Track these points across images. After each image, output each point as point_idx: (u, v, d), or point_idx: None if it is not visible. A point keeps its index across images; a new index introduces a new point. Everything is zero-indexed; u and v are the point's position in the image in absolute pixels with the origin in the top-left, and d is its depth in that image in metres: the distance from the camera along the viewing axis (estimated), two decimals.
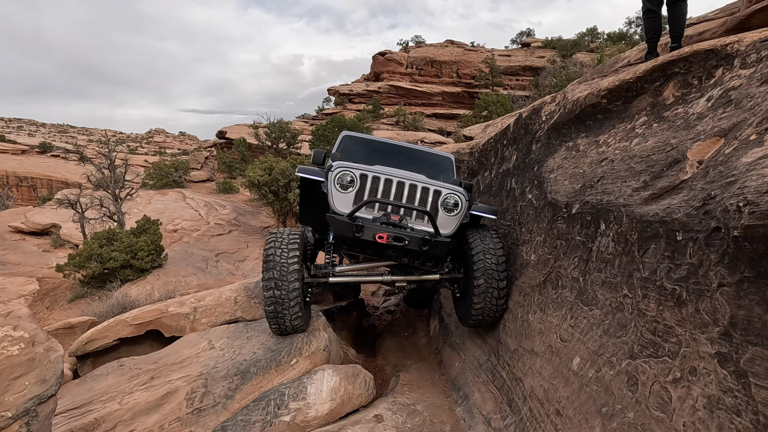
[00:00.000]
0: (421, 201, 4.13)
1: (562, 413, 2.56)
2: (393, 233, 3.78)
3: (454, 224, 4.21)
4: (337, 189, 4.07)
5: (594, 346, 2.53)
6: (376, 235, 3.76)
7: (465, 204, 4.24)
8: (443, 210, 4.19)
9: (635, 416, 1.98)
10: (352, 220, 3.80)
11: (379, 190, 4.09)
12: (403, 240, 3.79)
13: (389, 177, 4.11)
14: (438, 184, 4.24)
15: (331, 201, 4.10)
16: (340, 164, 4.15)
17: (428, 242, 3.85)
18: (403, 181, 4.13)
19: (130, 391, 4.03)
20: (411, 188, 4.13)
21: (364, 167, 4.17)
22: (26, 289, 15.88)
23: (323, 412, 3.38)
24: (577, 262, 3.09)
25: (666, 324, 1.98)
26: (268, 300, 4.02)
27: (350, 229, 3.78)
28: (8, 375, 2.23)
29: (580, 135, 4.22)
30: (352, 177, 4.07)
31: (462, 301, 4.57)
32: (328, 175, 4.15)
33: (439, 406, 3.86)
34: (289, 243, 4.16)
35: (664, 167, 2.54)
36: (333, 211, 4.09)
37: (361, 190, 4.09)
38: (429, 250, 3.90)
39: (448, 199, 4.19)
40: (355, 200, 4.05)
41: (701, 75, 3.17)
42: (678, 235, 2.01)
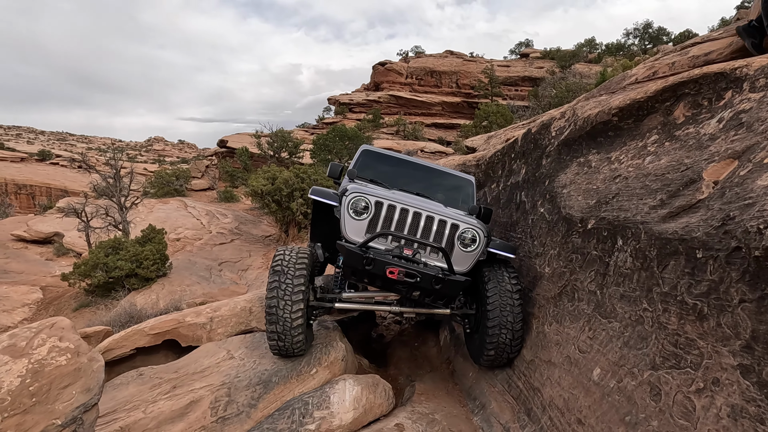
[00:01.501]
0: (437, 234, 3.98)
1: (584, 422, 2.67)
2: (405, 268, 3.63)
3: (470, 261, 4.04)
4: (350, 215, 3.94)
5: (614, 357, 2.64)
6: (387, 270, 3.62)
7: (483, 240, 4.06)
8: (460, 245, 4.02)
9: (659, 424, 2.10)
10: (363, 252, 3.66)
11: (394, 220, 3.94)
12: (415, 276, 3.64)
13: (405, 207, 3.96)
14: (457, 217, 4.08)
15: (343, 227, 3.98)
16: (355, 189, 4.03)
17: (441, 280, 3.69)
18: (419, 211, 3.97)
19: (154, 400, 4.12)
20: (428, 220, 3.97)
21: (380, 193, 4.05)
22: (30, 297, 15.95)
23: (347, 421, 3.48)
24: (593, 276, 3.21)
25: (688, 337, 2.10)
26: (270, 320, 3.89)
27: (361, 260, 3.63)
28: (57, 384, 2.33)
29: (591, 151, 4.35)
30: (366, 203, 3.94)
31: (473, 338, 4.43)
32: (342, 200, 4.02)
33: (456, 415, 3.96)
34: (297, 264, 4.00)
35: (680, 186, 2.67)
36: (344, 238, 3.98)
37: (375, 219, 3.95)
38: (441, 289, 3.74)
39: (466, 234, 4.03)
40: (368, 228, 3.94)
41: (711, 96, 3.31)
42: (698, 252, 2.14)
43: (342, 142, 30.85)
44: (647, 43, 54.25)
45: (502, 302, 3.93)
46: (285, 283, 3.85)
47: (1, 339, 2.43)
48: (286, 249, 4.17)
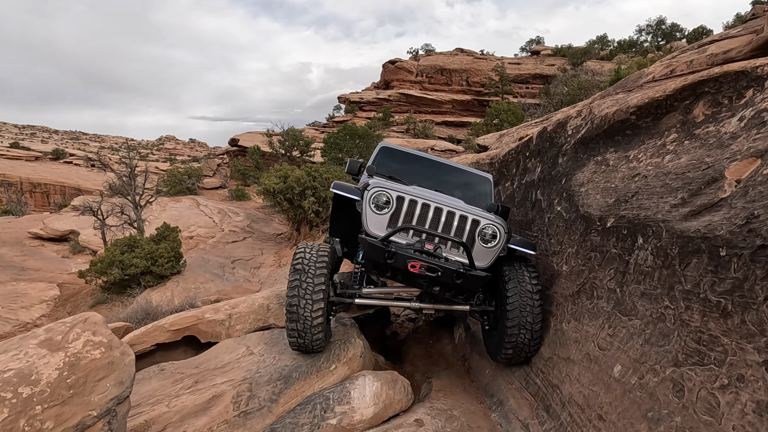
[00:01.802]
0: (457, 229, 3.98)
1: (605, 418, 2.70)
2: (426, 263, 3.64)
3: (491, 257, 4.04)
4: (372, 209, 3.96)
5: (635, 354, 2.66)
6: (409, 263, 3.63)
7: (504, 236, 4.06)
8: (480, 241, 4.01)
9: (682, 420, 2.12)
10: (384, 245, 3.67)
11: (415, 215, 3.96)
12: (436, 271, 3.64)
13: (426, 201, 3.98)
14: (477, 213, 4.09)
15: (364, 221, 4.00)
16: (377, 184, 4.07)
17: (462, 275, 3.70)
18: (441, 207, 3.98)
19: (177, 394, 4.20)
20: (449, 215, 3.98)
21: (401, 188, 4.07)
22: (47, 294, 16.20)
23: (368, 416, 3.54)
24: (613, 274, 3.23)
25: (711, 334, 2.12)
26: (291, 316, 3.89)
27: (382, 254, 3.66)
28: (93, 377, 2.41)
29: (609, 150, 4.36)
30: (388, 198, 3.96)
31: (491, 335, 4.43)
32: (364, 194, 4.05)
33: (474, 411, 4.00)
34: (318, 263, 4.01)
35: (701, 185, 2.68)
36: (366, 231, 3.99)
37: (396, 213, 3.97)
38: (462, 284, 3.74)
39: (486, 230, 4.02)
40: (389, 223, 3.96)
41: (731, 95, 3.31)
42: (721, 250, 2.16)
43: (352, 141, 30.91)
44: (660, 40, 53.67)
45: (522, 300, 3.91)
46: (306, 282, 3.85)
47: (38, 333, 2.51)
48: (307, 246, 4.17)
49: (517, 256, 4.29)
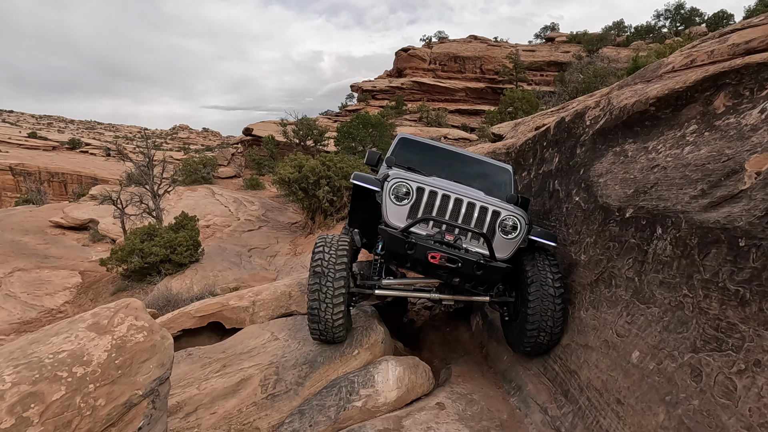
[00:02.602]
0: (478, 221, 3.98)
1: (623, 402, 2.80)
2: (446, 254, 3.65)
3: (511, 248, 4.04)
4: (392, 200, 3.98)
5: (654, 341, 2.75)
6: (429, 254, 3.65)
7: (524, 228, 4.07)
8: (501, 232, 4.02)
9: (700, 403, 2.22)
10: (405, 236, 3.69)
11: (435, 206, 3.97)
12: (457, 262, 3.65)
13: (447, 193, 3.99)
14: (498, 204, 4.10)
15: (384, 212, 4.01)
16: (397, 174, 4.08)
17: (482, 266, 3.70)
18: (461, 198, 3.99)
19: (206, 377, 4.38)
20: (469, 206, 3.99)
21: (422, 179, 4.09)
22: (70, 282, 16.62)
23: (391, 399, 3.68)
24: (631, 263, 3.30)
25: (729, 321, 2.21)
26: (312, 306, 3.94)
27: (402, 245, 3.67)
28: (138, 359, 2.57)
29: (627, 141, 4.40)
30: (408, 189, 3.98)
31: (512, 326, 4.43)
32: (384, 185, 4.07)
33: (493, 396, 4.12)
34: (338, 250, 4.04)
35: (721, 177, 2.74)
36: (386, 222, 4.01)
37: (416, 204, 3.98)
38: (482, 275, 3.75)
39: (507, 222, 4.03)
40: (409, 214, 3.97)
41: (753, 87, 3.33)
42: (740, 241, 2.23)
43: (365, 130, 30.94)
44: (679, 25, 52.61)
45: (543, 291, 3.91)
46: (326, 286, 3.87)
47: (85, 317, 2.67)
48: (326, 243, 4.12)
49: (537, 246, 4.27)
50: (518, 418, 3.72)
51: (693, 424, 2.23)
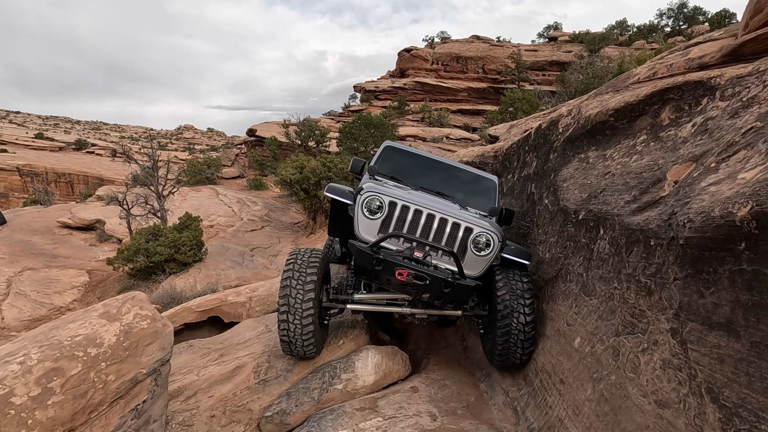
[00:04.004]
0: (449, 237, 3.97)
1: (565, 381, 3.20)
2: (414, 270, 3.62)
3: (483, 266, 4.04)
4: (363, 214, 3.97)
5: (591, 328, 3.15)
6: (397, 271, 3.61)
7: (497, 245, 4.06)
8: (473, 249, 4.00)
9: (616, 378, 2.62)
10: (373, 252, 3.65)
11: (407, 221, 3.96)
12: (424, 279, 3.62)
13: (419, 208, 3.98)
14: (471, 221, 4.06)
15: (356, 226, 4.02)
16: (371, 188, 4.07)
17: (450, 284, 3.68)
18: (433, 213, 3.98)
19: (205, 365, 4.81)
20: (441, 222, 3.97)
21: (395, 193, 4.07)
22: (78, 280, 17.12)
23: (369, 383, 4.08)
24: (581, 260, 3.70)
25: (640, 309, 2.60)
26: (281, 323, 3.94)
27: (371, 261, 3.63)
28: (142, 342, 2.99)
29: (591, 148, 4.79)
30: (380, 203, 3.96)
31: (487, 338, 4.45)
32: (356, 199, 4.08)
33: (465, 382, 4.52)
34: (309, 267, 4.03)
35: (650, 184, 3.13)
36: (357, 236, 4.02)
37: (388, 219, 3.97)
38: (450, 293, 3.73)
39: (480, 238, 4.01)
40: (380, 228, 3.97)
41: (691, 102, 3.72)
42: (652, 241, 2.62)
43: (367, 131, 31.35)
44: (682, 24, 52.72)
45: (513, 307, 3.94)
46: (295, 307, 3.88)
47: (97, 307, 3.10)
48: (297, 259, 4.11)
49: (511, 263, 4.29)
50: (484, 400, 4.13)
51: (609, 395, 2.63)
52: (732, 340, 1.87)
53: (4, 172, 54.08)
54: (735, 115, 2.98)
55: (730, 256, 1.91)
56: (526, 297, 4.01)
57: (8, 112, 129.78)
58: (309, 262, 4.07)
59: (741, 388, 1.79)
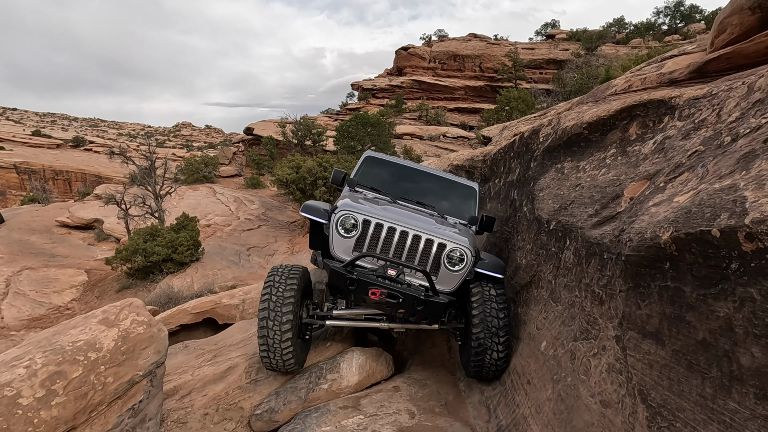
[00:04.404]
0: (423, 253, 4.06)
1: (531, 382, 3.45)
2: (387, 289, 3.71)
3: (457, 281, 4.13)
4: (338, 233, 4.05)
5: (555, 332, 3.40)
6: (370, 290, 3.70)
7: (470, 260, 4.13)
8: (447, 264, 4.08)
9: (571, 380, 2.87)
10: (347, 272, 3.73)
11: (381, 238, 4.04)
12: (397, 298, 3.72)
13: (392, 225, 4.06)
14: (444, 236, 4.15)
15: (331, 245, 4.09)
16: (344, 206, 4.16)
17: (423, 302, 3.76)
18: (406, 230, 4.06)
19: (199, 366, 5.06)
20: (414, 239, 4.06)
21: (369, 210, 4.15)
22: (76, 280, 17.34)
23: (353, 383, 4.33)
24: (551, 268, 3.94)
25: (594, 317, 2.85)
26: (261, 339, 4.00)
27: (345, 281, 3.72)
28: (139, 347, 3.23)
29: (566, 159, 5.02)
30: (354, 221, 4.04)
31: (464, 350, 4.53)
32: (331, 217, 4.15)
33: (445, 381, 4.77)
34: (287, 283, 4.07)
35: (610, 200, 3.37)
36: (332, 255, 4.08)
37: (362, 237, 4.05)
38: (424, 310, 3.82)
39: (453, 254, 4.09)
40: (355, 246, 4.05)
41: (655, 119, 3.96)
42: (605, 254, 2.87)
43: (364, 129, 31.58)
44: (678, 22, 53.01)
45: (487, 320, 4.03)
46: (273, 328, 3.94)
47: (96, 314, 3.33)
48: (275, 278, 4.14)
49: (485, 276, 4.37)
50: (462, 398, 4.37)
51: (565, 395, 2.88)
52: (659, 347, 2.12)
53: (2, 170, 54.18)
54: (687, 136, 3.22)
55: (659, 274, 2.16)
56: (500, 314, 4.08)
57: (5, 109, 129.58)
58: (287, 282, 4.10)
59: (663, 390, 2.03)
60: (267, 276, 4.20)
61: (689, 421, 1.86)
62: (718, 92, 3.31)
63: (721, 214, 1.74)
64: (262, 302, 4.01)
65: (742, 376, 1.65)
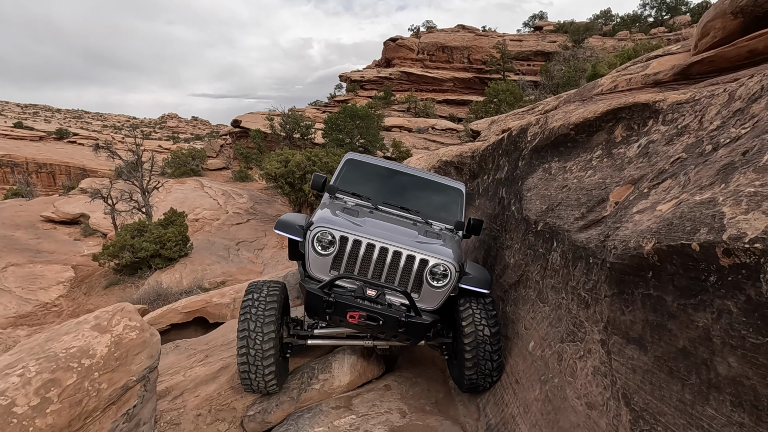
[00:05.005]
0: (404, 270, 3.88)
1: (519, 381, 3.54)
2: (367, 311, 3.56)
3: (440, 299, 3.96)
4: (314, 251, 3.86)
5: (543, 333, 3.48)
6: (348, 314, 3.56)
7: (455, 276, 3.95)
8: (429, 280, 3.90)
9: (558, 381, 2.95)
10: (325, 293, 3.58)
11: (360, 256, 3.85)
12: (377, 320, 3.57)
13: (371, 242, 3.86)
14: (426, 252, 3.94)
15: (307, 263, 3.90)
16: (321, 220, 3.99)
17: (404, 324, 3.61)
18: (386, 247, 3.87)
19: (191, 366, 5.08)
20: (395, 255, 3.87)
21: (346, 226, 3.96)
22: (63, 276, 17.18)
23: (345, 382, 4.39)
24: (539, 269, 4.02)
25: (580, 319, 2.93)
26: (241, 359, 3.82)
27: (322, 303, 3.57)
28: (132, 352, 3.25)
29: (554, 159, 5.09)
30: (332, 237, 3.85)
31: (453, 364, 4.43)
32: (307, 235, 3.94)
33: (435, 379, 4.85)
34: (269, 294, 3.95)
35: (596, 203, 3.44)
36: (308, 274, 3.91)
37: (340, 255, 3.86)
38: (405, 331, 3.64)
39: (436, 269, 3.90)
40: (332, 265, 3.87)
41: (640, 122, 4.02)
42: (591, 259, 2.94)
43: (353, 122, 31.49)
44: (665, 14, 53.47)
45: (478, 335, 3.90)
46: (254, 348, 3.79)
47: (88, 319, 3.34)
48: (253, 296, 3.97)
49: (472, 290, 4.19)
50: (451, 397, 4.46)
51: (552, 396, 2.96)
52: (642, 353, 2.20)
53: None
54: (670, 141, 3.29)
55: (642, 282, 2.23)
56: (492, 329, 3.97)
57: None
58: (268, 298, 3.96)
59: (646, 395, 2.11)
60: (245, 294, 4.00)
61: (670, 425, 1.94)
62: (701, 98, 3.39)
63: (701, 229, 1.81)
64: (240, 323, 3.82)
65: (719, 384, 1.73)
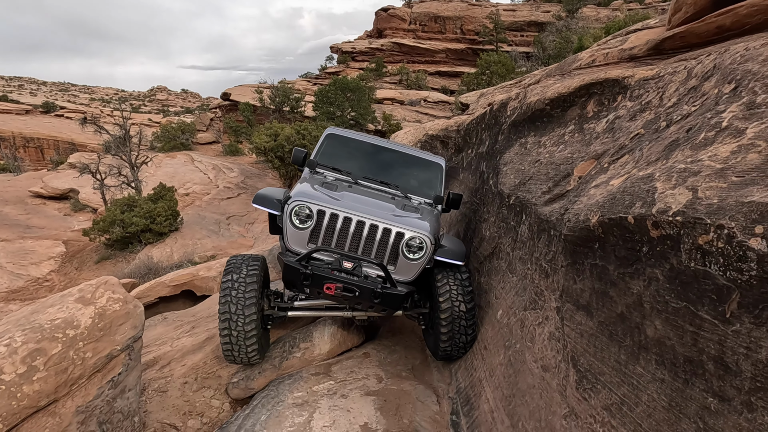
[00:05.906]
0: (380, 243, 3.97)
1: (487, 348, 3.73)
2: (343, 283, 3.67)
3: (415, 270, 4.07)
4: (292, 224, 3.93)
5: (510, 302, 3.65)
6: (325, 285, 3.66)
7: (430, 248, 4.05)
8: (405, 253, 4.00)
9: (520, 346, 3.13)
10: (302, 266, 3.68)
11: (336, 229, 3.93)
12: (353, 291, 3.68)
13: (348, 215, 3.95)
14: (402, 225, 4.04)
15: (285, 237, 3.99)
16: (299, 194, 4.04)
17: (380, 295, 3.73)
18: (363, 220, 3.95)
19: (178, 337, 5.25)
20: (371, 228, 3.96)
21: (323, 199, 4.02)
22: (54, 251, 17.23)
23: (325, 350, 4.57)
24: (510, 241, 4.16)
25: (541, 289, 3.09)
26: (223, 332, 3.91)
27: (299, 275, 3.66)
28: (116, 323, 3.38)
29: (530, 134, 5.19)
30: (309, 211, 3.92)
31: (429, 333, 4.57)
32: (284, 209, 4.02)
33: (413, 347, 5.05)
34: (248, 274, 3.99)
35: (561, 178, 3.57)
36: (286, 247, 3.99)
37: (317, 228, 3.93)
38: (381, 302, 3.78)
39: (412, 242, 4.00)
40: (310, 238, 3.95)
41: (610, 98, 4.12)
42: (551, 231, 3.08)
43: (344, 95, 31.23)
44: None
45: (454, 311, 4.02)
46: (236, 319, 3.87)
47: (72, 293, 3.47)
48: (234, 268, 4.05)
49: None
50: (427, 363, 4.66)
51: (514, 360, 3.15)
52: (588, 319, 2.36)
53: None
54: (633, 117, 3.40)
55: (591, 252, 2.38)
56: (467, 298, 4.09)
57: None
58: (249, 270, 4.04)
59: (590, 357, 2.28)
60: (224, 274, 4.05)
61: (607, 384, 2.11)
62: (665, 75, 3.48)
63: (636, 203, 1.94)
64: (221, 305, 3.90)
65: (647, 345, 1.89)
